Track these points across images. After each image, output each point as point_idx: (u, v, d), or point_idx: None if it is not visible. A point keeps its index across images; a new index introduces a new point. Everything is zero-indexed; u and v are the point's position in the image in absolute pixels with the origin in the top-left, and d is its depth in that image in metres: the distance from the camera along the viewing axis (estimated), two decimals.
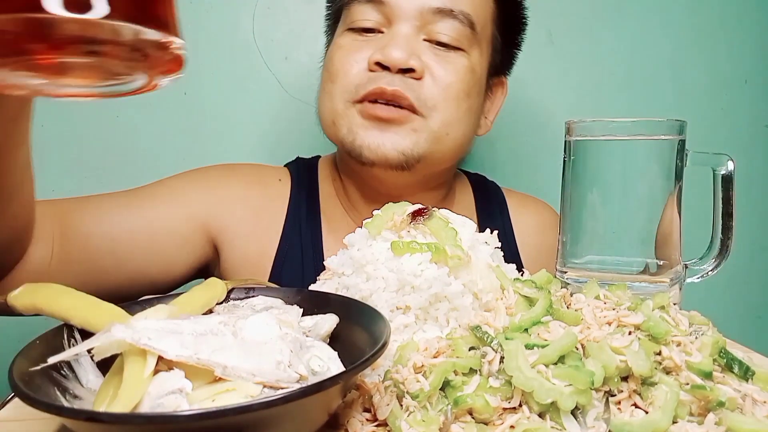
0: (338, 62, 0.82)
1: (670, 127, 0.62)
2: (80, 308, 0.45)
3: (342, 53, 0.82)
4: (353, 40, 0.82)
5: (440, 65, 0.80)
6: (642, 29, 1.33)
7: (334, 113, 0.82)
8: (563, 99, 1.31)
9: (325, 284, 0.57)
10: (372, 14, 0.81)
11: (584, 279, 0.62)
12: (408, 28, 0.79)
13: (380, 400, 0.41)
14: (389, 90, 0.77)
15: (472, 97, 0.84)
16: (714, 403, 0.40)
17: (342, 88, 0.81)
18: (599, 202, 0.64)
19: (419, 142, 0.79)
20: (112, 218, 0.78)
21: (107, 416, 0.32)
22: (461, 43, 0.81)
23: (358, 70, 0.80)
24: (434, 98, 0.79)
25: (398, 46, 0.77)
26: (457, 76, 0.80)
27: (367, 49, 0.80)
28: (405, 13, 0.79)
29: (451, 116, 0.81)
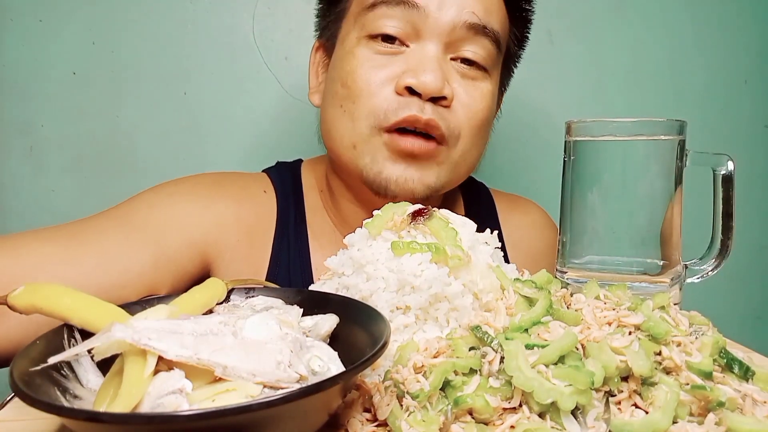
0: (362, 80, 0.74)
1: (670, 127, 0.62)
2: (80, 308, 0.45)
3: (365, 69, 0.74)
4: (375, 54, 0.75)
5: (467, 92, 0.76)
6: (642, 29, 1.33)
7: (357, 137, 0.75)
8: (563, 99, 1.31)
9: (325, 284, 0.57)
10: (399, 21, 0.73)
11: (584, 279, 0.62)
12: (437, 47, 0.74)
13: (380, 400, 0.41)
14: (424, 119, 0.72)
15: (490, 123, 0.82)
16: (714, 403, 0.40)
17: (368, 111, 0.74)
18: (599, 202, 0.64)
19: (441, 174, 0.77)
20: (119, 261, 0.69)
21: (107, 416, 0.32)
22: (487, 64, 0.77)
23: (385, 93, 0.73)
24: (460, 127, 0.76)
25: (432, 70, 0.71)
26: (483, 103, 0.77)
27: (393, 67, 0.74)
28: (437, 26, 0.73)
29: (471, 144, 0.78)
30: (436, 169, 0.76)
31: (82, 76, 1.19)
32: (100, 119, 1.20)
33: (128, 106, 1.20)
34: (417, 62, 0.73)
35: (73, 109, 1.19)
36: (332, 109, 0.79)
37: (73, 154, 1.20)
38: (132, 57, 1.19)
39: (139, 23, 1.19)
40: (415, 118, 0.72)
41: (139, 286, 0.69)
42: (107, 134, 1.21)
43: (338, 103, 0.77)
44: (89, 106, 1.19)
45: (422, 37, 0.74)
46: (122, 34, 1.19)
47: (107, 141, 1.21)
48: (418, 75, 0.71)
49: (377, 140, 0.75)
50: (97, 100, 1.19)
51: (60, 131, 1.19)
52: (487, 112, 0.78)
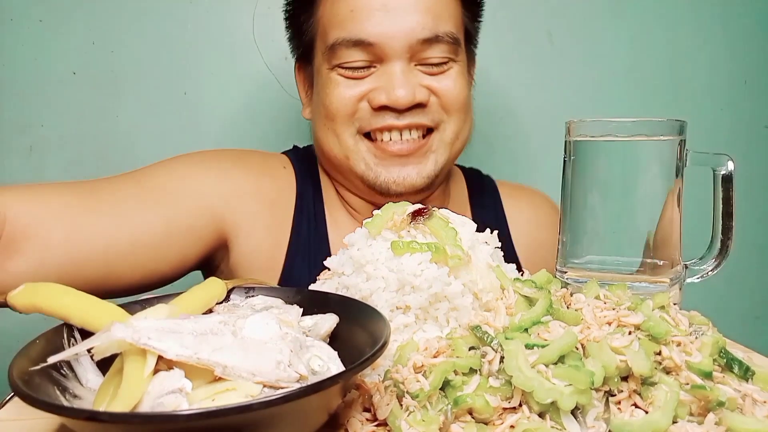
0: (337, 100, 0.81)
1: (671, 127, 0.62)
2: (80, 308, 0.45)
3: (339, 92, 0.81)
4: (346, 78, 0.82)
5: (440, 83, 0.82)
6: (642, 29, 1.33)
7: (346, 149, 0.83)
8: (563, 99, 1.31)
9: (325, 284, 0.57)
10: (361, 55, 0.80)
11: (584, 279, 0.62)
12: (401, 64, 0.80)
13: (380, 399, 0.41)
14: (401, 124, 0.79)
15: (469, 96, 0.88)
16: (714, 403, 0.40)
17: (345, 125, 0.82)
18: (599, 202, 0.64)
19: (438, 158, 0.83)
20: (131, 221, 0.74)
21: (107, 416, 0.32)
22: (450, 58, 0.83)
23: (360, 108, 0.81)
24: (445, 113, 0.82)
25: (402, 85, 0.78)
26: (457, 86, 0.83)
27: (364, 86, 0.81)
28: (395, 50, 0.79)
29: (460, 121, 0.84)
30: (432, 156, 0.82)
31: (82, 76, 1.19)
32: (100, 119, 1.20)
33: (128, 106, 1.20)
34: (386, 80, 0.80)
35: (73, 109, 1.19)
36: (319, 128, 0.87)
37: (73, 154, 1.20)
38: (132, 57, 1.19)
39: (139, 23, 1.19)
40: (392, 125, 0.80)
41: (148, 246, 0.74)
42: (107, 134, 1.21)
43: (323, 122, 0.85)
44: (89, 106, 1.19)
45: (385, 59, 0.81)
46: (122, 34, 1.19)
47: (107, 141, 1.21)
48: (389, 92, 0.78)
49: (362, 146, 0.82)
50: (97, 100, 1.19)
51: (60, 131, 1.19)
52: (463, 90, 0.85)
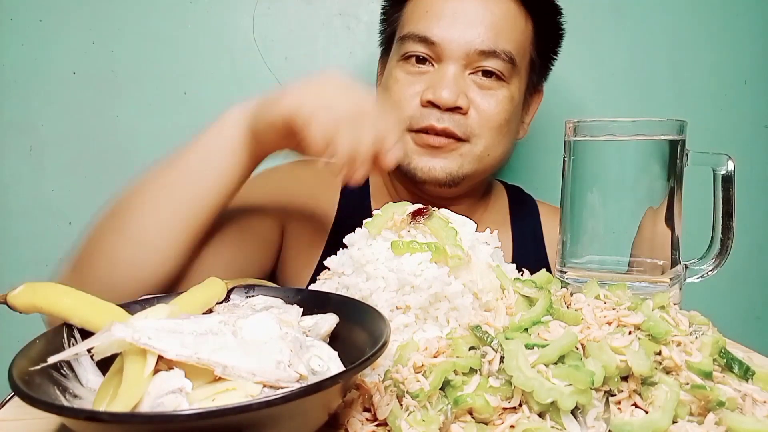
0: (396, 95, 0.92)
1: (670, 127, 0.62)
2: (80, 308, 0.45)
3: (398, 87, 0.92)
4: (407, 74, 0.92)
5: (484, 99, 0.90)
6: (642, 29, 1.33)
7: None
8: (563, 99, 1.31)
9: (325, 284, 0.57)
10: (423, 50, 0.90)
11: (584, 279, 0.62)
12: (455, 67, 0.89)
13: (380, 399, 0.41)
14: (439, 127, 0.88)
15: (511, 122, 0.94)
16: (714, 403, 0.40)
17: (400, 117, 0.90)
18: (599, 202, 0.64)
19: (464, 164, 0.91)
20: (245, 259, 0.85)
21: (107, 416, 0.32)
22: (503, 75, 0.91)
23: (412, 104, 0.90)
24: (478, 128, 0.90)
25: (447, 86, 0.87)
26: (498, 107, 0.91)
27: (420, 84, 0.90)
28: (453, 54, 0.88)
29: (492, 141, 0.92)
30: (459, 159, 0.91)
31: (82, 76, 1.19)
32: (100, 119, 1.20)
33: (128, 106, 1.20)
34: (437, 80, 0.89)
35: (73, 109, 1.19)
36: None
37: (73, 154, 1.20)
38: (132, 57, 1.19)
39: (139, 23, 1.19)
40: (432, 127, 0.88)
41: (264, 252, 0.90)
42: (107, 134, 1.21)
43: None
44: (89, 106, 1.19)
45: (442, 60, 0.90)
46: (122, 34, 1.19)
47: (107, 141, 1.21)
48: (436, 91, 0.87)
49: (407, 138, 0.91)
50: (97, 100, 1.19)
51: (60, 131, 1.19)
52: (504, 114, 0.91)
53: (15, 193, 1.20)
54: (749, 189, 1.39)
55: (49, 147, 1.19)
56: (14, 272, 1.20)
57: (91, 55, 1.18)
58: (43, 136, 1.19)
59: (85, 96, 1.19)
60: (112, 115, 1.20)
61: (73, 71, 1.18)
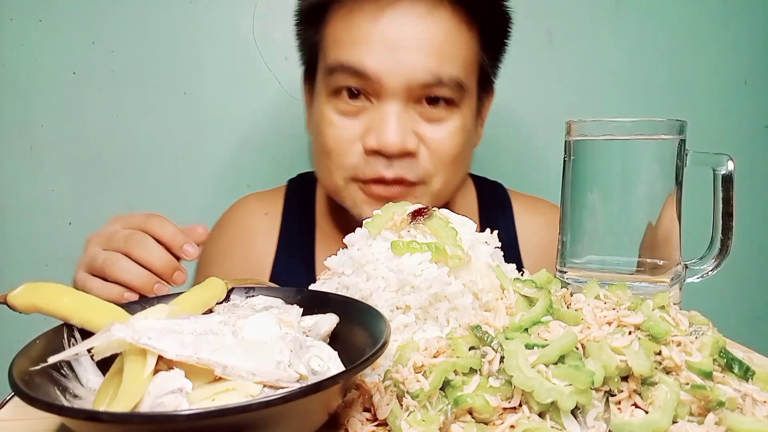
0: (332, 142, 0.80)
1: (670, 127, 0.62)
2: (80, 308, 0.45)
3: (333, 132, 0.80)
4: (342, 114, 0.80)
5: (435, 133, 0.79)
6: (642, 29, 1.33)
7: (335, 187, 0.83)
8: (563, 99, 1.31)
9: (325, 284, 0.57)
10: (357, 83, 0.78)
11: (584, 279, 0.62)
12: (396, 105, 0.77)
13: (380, 399, 0.41)
14: (390, 177, 0.78)
15: (466, 150, 0.84)
16: (714, 403, 0.40)
17: (339, 166, 0.81)
18: (599, 202, 0.64)
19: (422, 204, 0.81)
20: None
21: (107, 416, 0.32)
22: (453, 99, 0.79)
23: (354, 151, 0.79)
24: (433, 168, 0.80)
25: (393, 129, 0.76)
26: (452, 140, 0.80)
27: (358, 125, 0.79)
28: (392, 89, 0.76)
29: (449, 176, 0.82)
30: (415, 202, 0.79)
31: (82, 76, 1.19)
32: (100, 119, 1.20)
33: (128, 106, 1.20)
34: (378, 122, 0.77)
35: (73, 109, 1.19)
36: (315, 156, 0.88)
37: (73, 154, 1.20)
38: (132, 57, 1.19)
39: (139, 23, 1.19)
40: (381, 177, 0.78)
41: None
42: (107, 134, 1.21)
43: (317, 156, 0.86)
44: (89, 106, 1.19)
45: (381, 96, 0.77)
46: (122, 34, 1.19)
47: (107, 141, 1.21)
48: (380, 137, 0.76)
49: (353, 187, 0.82)
50: (97, 100, 1.19)
51: (60, 131, 1.19)
52: (458, 147, 0.81)
53: (15, 193, 1.20)
54: (749, 189, 1.39)
55: (49, 147, 1.19)
56: (14, 272, 1.20)
57: (91, 55, 1.18)
58: (43, 136, 1.19)
59: (85, 96, 1.19)
60: (112, 115, 1.20)
61: (73, 71, 1.18)
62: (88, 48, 1.18)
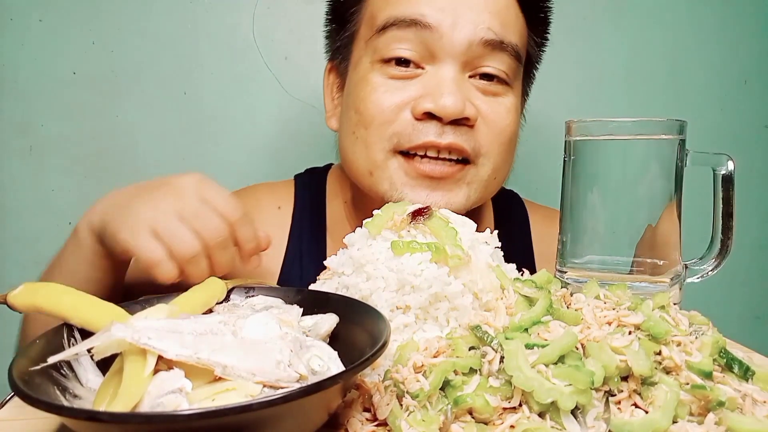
0: (374, 105, 0.71)
1: (670, 127, 0.62)
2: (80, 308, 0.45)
3: (378, 95, 0.71)
4: (389, 78, 0.72)
5: (491, 108, 0.73)
6: (642, 29, 1.33)
7: (372, 164, 0.73)
8: (563, 99, 1.31)
9: (325, 284, 0.57)
10: (412, 43, 0.71)
11: (584, 279, 0.62)
12: (455, 68, 0.71)
13: (380, 399, 0.41)
14: (443, 143, 0.70)
15: (517, 135, 0.79)
16: (714, 403, 0.40)
17: (380, 135, 0.72)
18: (599, 202, 0.64)
19: (471, 194, 0.74)
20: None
21: (107, 416, 0.32)
22: (508, 78, 0.75)
23: (401, 118, 0.71)
24: (488, 145, 0.73)
25: (452, 92, 0.69)
26: (509, 117, 0.75)
27: (409, 91, 0.71)
28: (453, 46, 0.70)
29: (501, 161, 0.76)
30: (465, 189, 0.74)
31: (82, 76, 1.19)
32: (100, 119, 1.20)
33: (128, 106, 1.20)
34: (435, 85, 0.70)
35: (73, 109, 1.19)
36: (346, 136, 0.77)
37: (73, 154, 1.20)
38: (132, 57, 1.19)
39: (139, 23, 1.19)
40: (433, 143, 0.70)
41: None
42: (107, 134, 1.21)
43: (351, 129, 0.75)
44: (89, 106, 1.19)
45: (438, 58, 0.71)
46: (122, 34, 1.19)
47: (107, 141, 1.21)
48: (437, 99, 0.69)
49: (393, 164, 0.72)
50: (97, 100, 1.19)
51: (60, 131, 1.19)
52: (514, 126, 0.76)
53: (15, 193, 1.20)
54: (749, 189, 1.39)
55: (49, 147, 1.19)
56: (14, 272, 1.20)
57: (91, 55, 1.18)
58: (43, 136, 1.19)
59: (85, 96, 1.19)
60: (112, 115, 1.20)
61: (73, 71, 1.18)
62: (88, 48, 1.18)
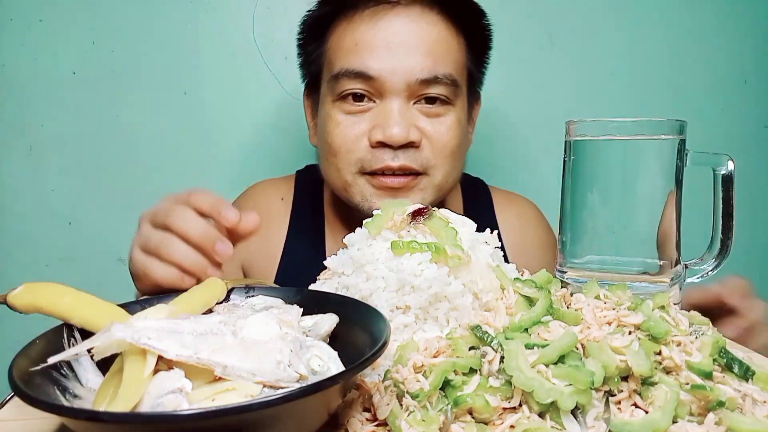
0: (339, 139, 0.87)
1: (670, 127, 0.62)
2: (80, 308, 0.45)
3: (340, 130, 0.87)
4: (348, 114, 0.87)
5: (434, 127, 0.87)
6: (642, 29, 1.33)
7: (344, 183, 0.89)
8: (563, 99, 1.31)
9: (325, 284, 0.57)
10: (362, 86, 0.86)
11: (584, 279, 0.62)
12: (399, 101, 0.85)
13: (380, 399, 0.41)
14: (396, 166, 0.85)
15: (462, 143, 0.92)
16: (714, 403, 0.40)
17: (347, 161, 0.87)
18: (599, 202, 0.64)
19: (425, 197, 0.88)
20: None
21: (107, 416, 0.32)
22: (448, 97, 0.88)
23: (360, 146, 0.86)
24: (434, 159, 0.87)
25: (396, 123, 0.83)
26: (449, 133, 0.88)
27: (364, 123, 0.86)
28: (394, 87, 0.84)
29: (450, 168, 0.89)
30: (421, 194, 0.88)
31: (82, 76, 1.19)
32: (100, 119, 1.20)
33: (128, 106, 1.20)
34: (383, 118, 0.85)
35: (73, 109, 1.19)
36: (322, 159, 0.93)
37: (73, 154, 1.20)
38: (132, 57, 1.19)
39: (139, 23, 1.19)
40: (388, 166, 0.85)
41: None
42: (107, 134, 1.21)
43: (325, 156, 0.92)
44: (89, 106, 1.19)
45: (384, 95, 0.86)
46: (122, 34, 1.19)
47: (107, 141, 1.21)
48: (385, 130, 0.83)
49: (361, 181, 0.88)
50: (97, 100, 1.19)
51: (60, 131, 1.19)
52: (456, 140, 0.89)
53: (15, 193, 1.20)
54: (749, 189, 1.39)
55: (49, 147, 1.19)
56: (14, 272, 1.20)
57: (91, 55, 1.18)
58: (43, 136, 1.19)
59: (85, 96, 1.19)
60: (112, 115, 1.20)
61: (73, 71, 1.18)
62: (88, 48, 1.18)
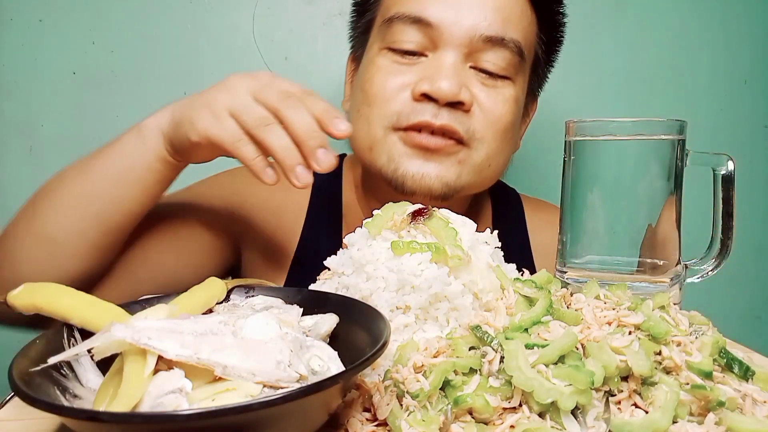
0: (378, 85, 0.77)
1: (670, 127, 0.62)
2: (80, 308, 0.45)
3: (381, 76, 0.77)
4: (393, 62, 0.77)
5: (489, 96, 0.76)
6: (642, 29, 1.33)
7: (372, 139, 0.78)
8: (563, 99, 1.31)
9: (325, 284, 0.57)
10: (416, 36, 0.75)
11: (584, 279, 0.62)
12: (455, 56, 0.75)
13: (380, 399, 0.41)
14: (437, 124, 0.74)
15: (515, 127, 0.82)
16: (714, 403, 0.40)
17: (381, 113, 0.76)
18: (599, 202, 0.64)
19: (462, 174, 0.77)
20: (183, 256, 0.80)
21: (107, 416, 0.32)
22: (509, 72, 0.78)
23: (401, 98, 0.76)
24: (483, 131, 0.76)
25: (447, 77, 0.73)
26: (505, 107, 0.78)
27: (410, 74, 0.76)
28: (454, 39, 0.74)
29: (496, 148, 0.79)
30: (458, 167, 0.76)
31: (82, 76, 1.19)
32: (100, 119, 1.20)
33: (128, 106, 1.20)
34: (434, 70, 0.74)
35: (73, 109, 1.19)
36: (352, 114, 0.82)
37: (73, 154, 1.20)
38: (132, 57, 1.19)
39: (139, 23, 1.19)
40: (428, 123, 0.73)
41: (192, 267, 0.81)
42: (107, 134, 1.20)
43: (357, 107, 0.81)
44: (89, 106, 1.19)
45: (439, 47, 0.75)
46: (122, 34, 1.19)
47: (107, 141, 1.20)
48: (434, 81, 0.72)
49: (392, 138, 0.76)
50: (97, 100, 1.19)
51: (60, 131, 1.19)
52: (510, 116, 0.78)
53: (15, 193, 1.20)
54: (749, 189, 1.39)
55: (49, 147, 1.19)
56: None
57: (91, 55, 1.18)
58: (43, 136, 1.19)
59: (85, 96, 1.19)
60: (112, 115, 1.20)
61: (73, 71, 1.18)
62: (88, 48, 1.18)
